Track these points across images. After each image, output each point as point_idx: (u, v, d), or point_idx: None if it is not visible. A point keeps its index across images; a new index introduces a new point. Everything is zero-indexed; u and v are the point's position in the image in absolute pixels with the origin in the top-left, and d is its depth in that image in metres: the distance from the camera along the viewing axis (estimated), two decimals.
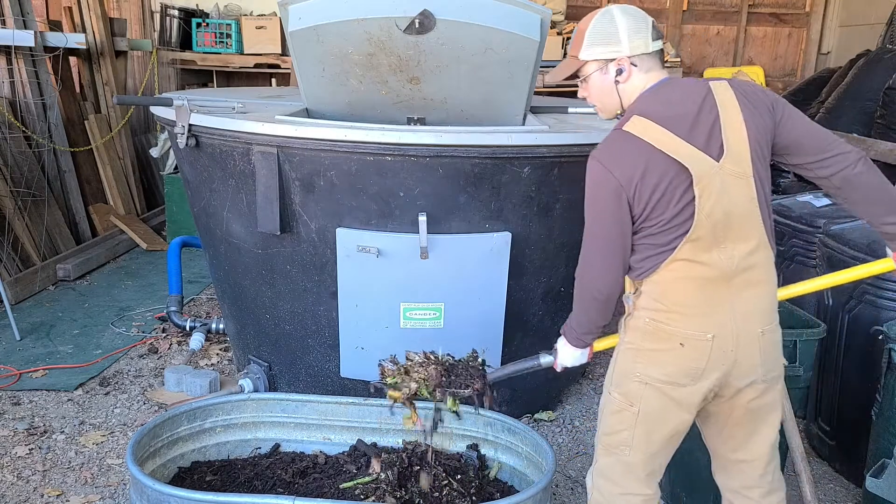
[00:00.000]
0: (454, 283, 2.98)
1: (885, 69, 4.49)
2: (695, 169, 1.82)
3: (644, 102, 1.91)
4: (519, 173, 2.86)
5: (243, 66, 7.18)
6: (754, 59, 7.98)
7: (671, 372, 1.91)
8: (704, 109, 1.86)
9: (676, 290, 1.89)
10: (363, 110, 3.29)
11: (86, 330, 4.35)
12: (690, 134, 1.84)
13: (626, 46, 1.91)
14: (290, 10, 3.08)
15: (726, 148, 1.84)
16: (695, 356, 1.89)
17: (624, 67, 1.93)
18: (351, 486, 2.50)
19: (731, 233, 1.86)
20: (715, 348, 1.88)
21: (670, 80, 1.96)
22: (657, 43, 1.94)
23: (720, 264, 1.86)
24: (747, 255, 1.88)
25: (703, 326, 1.88)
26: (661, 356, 1.92)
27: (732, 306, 1.88)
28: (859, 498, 2.95)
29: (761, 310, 1.92)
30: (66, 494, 2.83)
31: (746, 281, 1.89)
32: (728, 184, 1.84)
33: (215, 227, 3.31)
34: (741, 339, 1.89)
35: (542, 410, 3.48)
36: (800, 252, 3.45)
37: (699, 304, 1.88)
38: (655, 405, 1.95)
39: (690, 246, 1.85)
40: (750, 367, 1.91)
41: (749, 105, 1.88)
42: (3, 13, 5.18)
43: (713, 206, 1.83)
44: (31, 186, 5.13)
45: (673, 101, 1.89)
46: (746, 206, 1.86)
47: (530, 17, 3.09)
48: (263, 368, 3.45)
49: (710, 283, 1.87)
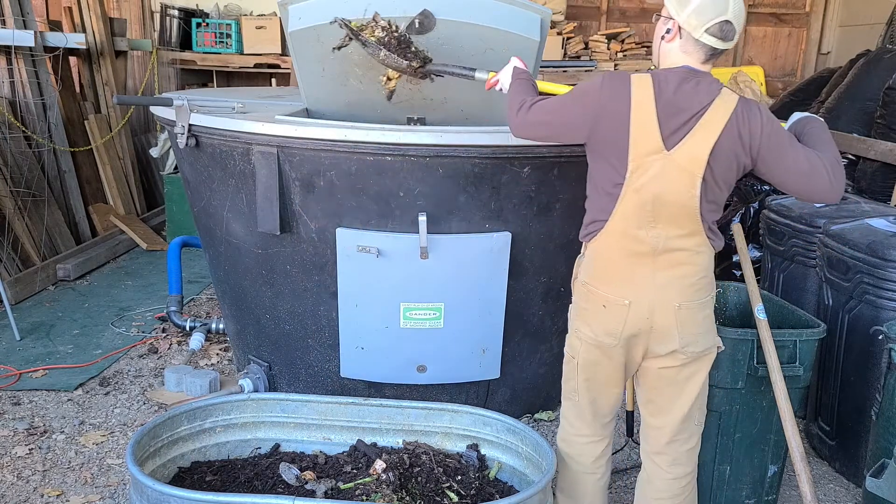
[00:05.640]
0: (454, 283, 2.98)
1: (885, 69, 4.49)
2: (638, 144, 2.01)
3: (663, 74, 2.06)
4: (519, 173, 2.86)
5: (243, 66, 7.19)
6: (754, 59, 7.98)
7: (596, 330, 2.18)
8: (698, 111, 2.00)
9: (605, 258, 2.14)
10: (363, 110, 3.29)
11: (86, 330, 4.35)
12: (669, 121, 2.00)
13: (684, 16, 2.01)
14: (290, 10, 3.08)
15: (683, 143, 1.99)
16: (614, 318, 2.13)
17: (672, 30, 2.05)
18: (351, 487, 2.50)
19: (663, 217, 2.05)
20: (631, 313, 2.11)
21: (694, 72, 2.05)
22: (711, 38, 2.00)
23: (648, 241, 2.07)
24: (676, 238, 2.07)
25: (622, 293, 2.12)
26: (589, 315, 2.20)
27: (653, 279, 2.09)
28: (859, 498, 2.95)
29: (682, 287, 2.10)
30: (66, 494, 2.83)
31: (672, 260, 2.08)
32: (669, 172, 2.01)
33: (215, 227, 3.31)
34: (657, 308, 2.10)
35: (542, 410, 3.49)
36: (800, 252, 3.45)
37: (622, 273, 2.12)
38: (590, 358, 2.23)
39: (621, 219, 2.07)
40: (666, 334, 2.12)
41: (734, 129, 2.00)
42: (3, 13, 5.18)
43: (644, 184, 2.02)
44: (31, 186, 5.13)
45: (682, 91, 2.01)
46: (684, 198, 2.03)
47: (530, 17, 3.10)
48: (263, 368, 3.45)
49: (635, 256, 2.09)
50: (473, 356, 3.14)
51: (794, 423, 2.51)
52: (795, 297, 3.42)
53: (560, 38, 6.75)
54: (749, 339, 2.59)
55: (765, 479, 2.79)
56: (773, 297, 3.00)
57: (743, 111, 2.01)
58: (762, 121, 2.03)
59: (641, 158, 2.02)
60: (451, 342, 3.09)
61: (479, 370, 3.19)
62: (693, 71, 2.05)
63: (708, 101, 2.00)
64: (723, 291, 3.09)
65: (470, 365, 3.16)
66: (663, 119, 2.00)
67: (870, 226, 3.05)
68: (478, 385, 3.27)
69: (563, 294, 3.19)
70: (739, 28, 2.03)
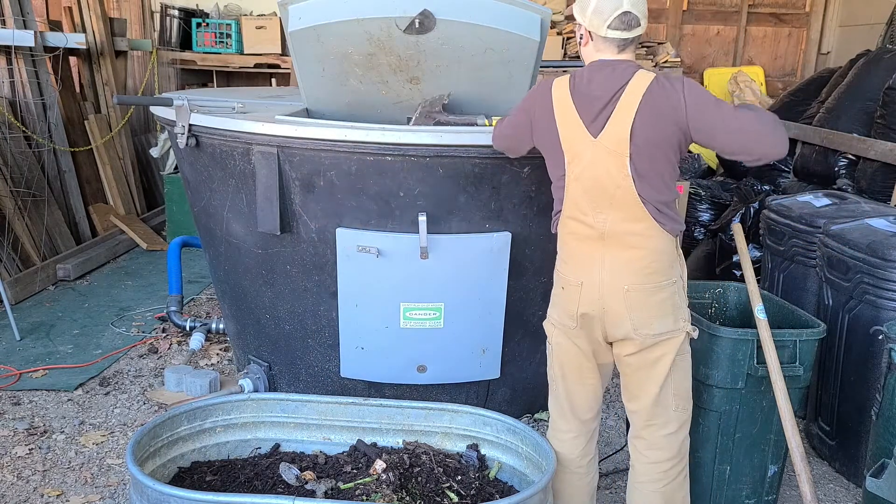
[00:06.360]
0: (454, 283, 2.98)
1: (885, 69, 4.49)
2: (567, 137, 2.17)
3: (582, 71, 2.20)
4: (519, 173, 2.86)
5: (243, 66, 7.18)
6: (754, 59, 7.98)
7: (560, 312, 2.31)
8: (612, 96, 2.11)
9: (565, 242, 2.28)
10: (363, 110, 3.29)
11: (86, 330, 4.35)
12: (587, 111, 2.13)
13: (587, 20, 2.16)
14: (290, 10, 3.08)
15: (606, 128, 2.11)
16: (571, 299, 2.25)
17: (583, 35, 2.21)
18: (351, 487, 2.50)
19: (604, 200, 2.15)
20: (584, 294, 2.21)
21: (605, 63, 2.17)
22: (615, 32, 2.12)
23: (596, 225, 2.17)
24: (622, 221, 2.15)
25: (576, 274, 2.23)
26: (555, 299, 2.34)
27: (602, 261, 2.19)
28: (859, 498, 2.95)
29: (631, 270, 2.17)
30: (66, 494, 2.83)
31: (621, 243, 2.17)
32: (600, 157, 2.13)
33: (215, 227, 3.31)
34: (605, 290, 2.19)
35: (542, 410, 3.49)
36: (800, 252, 3.45)
37: (576, 255, 2.24)
38: (560, 342, 2.34)
39: (571, 205, 2.21)
40: (618, 317, 2.19)
41: (651, 105, 2.08)
42: (3, 13, 5.18)
43: (581, 171, 2.16)
44: (31, 186, 5.13)
45: (594, 81, 2.15)
46: (617, 180, 2.12)
47: (530, 17, 3.09)
48: (263, 368, 3.44)
49: (587, 240, 2.20)
50: (473, 356, 3.14)
51: (794, 423, 2.51)
52: (795, 297, 3.41)
53: (560, 38, 6.75)
54: (749, 339, 2.59)
55: (765, 479, 2.79)
56: (773, 297, 3.00)
57: (659, 87, 2.08)
58: (683, 91, 2.08)
59: (573, 149, 2.16)
60: (451, 342, 3.09)
61: (479, 370, 3.19)
62: (606, 62, 2.16)
63: (621, 84, 2.10)
64: (723, 291, 3.09)
65: (470, 365, 3.16)
66: (581, 110, 2.14)
67: (870, 226, 3.05)
68: (478, 385, 3.28)
69: None
70: (642, 13, 2.13)
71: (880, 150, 4.12)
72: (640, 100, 2.07)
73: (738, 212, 4.72)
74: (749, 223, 4.61)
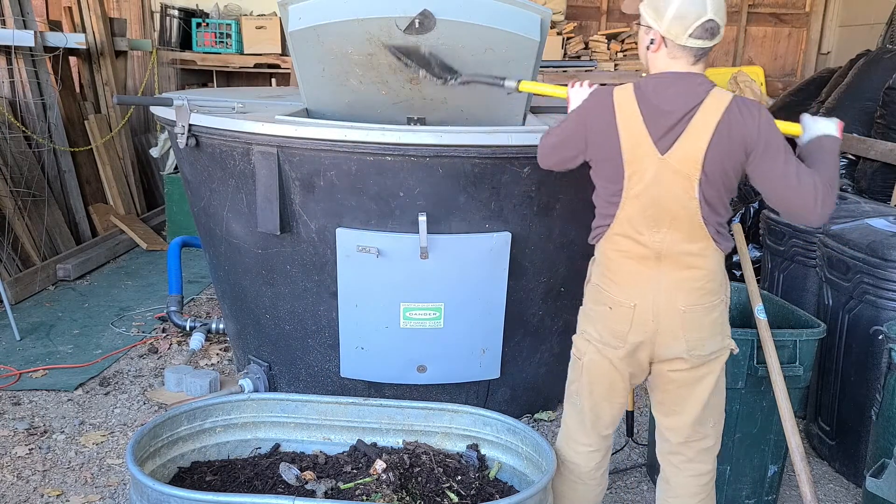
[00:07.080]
0: (454, 283, 2.98)
1: (885, 69, 4.49)
2: (629, 150, 2.01)
3: (649, 81, 2.04)
4: (519, 173, 2.86)
5: (243, 66, 7.18)
6: (754, 59, 7.98)
7: (602, 332, 2.17)
8: (686, 114, 1.98)
9: (612, 260, 2.13)
10: (363, 110, 3.28)
11: (86, 330, 4.35)
12: (656, 125, 1.99)
13: (665, 26, 1.99)
14: (290, 10, 3.07)
15: (676, 146, 1.98)
16: (620, 320, 2.12)
17: (656, 40, 2.03)
18: (351, 487, 2.50)
19: (665, 220, 2.03)
20: (636, 315, 2.09)
21: (678, 76, 2.02)
22: (697, 41, 1.98)
23: (652, 245, 2.06)
24: (680, 241, 2.05)
25: (628, 295, 2.10)
26: (596, 317, 2.19)
27: (658, 282, 2.07)
28: (859, 498, 2.95)
29: (687, 290, 2.07)
30: (66, 494, 2.83)
31: (678, 263, 2.06)
32: (665, 176, 2.00)
33: (215, 227, 3.31)
34: (662, 312, 2.08)
35: (542, 410, 3.49)
36: (800, 252, 3.45)
37: (628, 275, 2.10)
38: (595, 359, 2.20)
39: (625, 223, 2.07)
40: (672, 338, 2.09)
41: (727, 130, 1.96)
42: (3, 13, 5.18)
43: (643, 189, 2.02)
44: (31, 186, 5.13)
45: (665, 95, 2.00)
46: (683, 201, 2.01)
47: (530, 17, 3.09)
48: (263, 368, 3.45)
49: (641, 259, 2.08)
50: (473, 356, 3.14)
51: (794, 423, 2.51)
52: (795, 297, 3.42)
53: (560, 38, 6.76)
54: (749, 339, 2.59)
55: (765, 479, 2.80)
56: (773, 297, 3.00)
57: (739, 110, 1.96)
58: (759, 123, 1.97)
59: (635, 164, 2.01)
60: (451, 342, 3.09)
61: (479, 370, 3.19)
62: (679, 75, 2.02)
63: (697, 101, 1.97)
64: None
65: (470, 365, 3.16)
66: (650, 124, 1.99)
67: (870, 226, 3.05)
68: (478, 385, 3.28)
69: (563, 294, 3.19)
70: (723, 21, 1.99)
71: (880, 150, 4.12)
72: (717, 122, 1.95)
73: (738, 212, 4.73)
74: (749, 223, 4.61)
